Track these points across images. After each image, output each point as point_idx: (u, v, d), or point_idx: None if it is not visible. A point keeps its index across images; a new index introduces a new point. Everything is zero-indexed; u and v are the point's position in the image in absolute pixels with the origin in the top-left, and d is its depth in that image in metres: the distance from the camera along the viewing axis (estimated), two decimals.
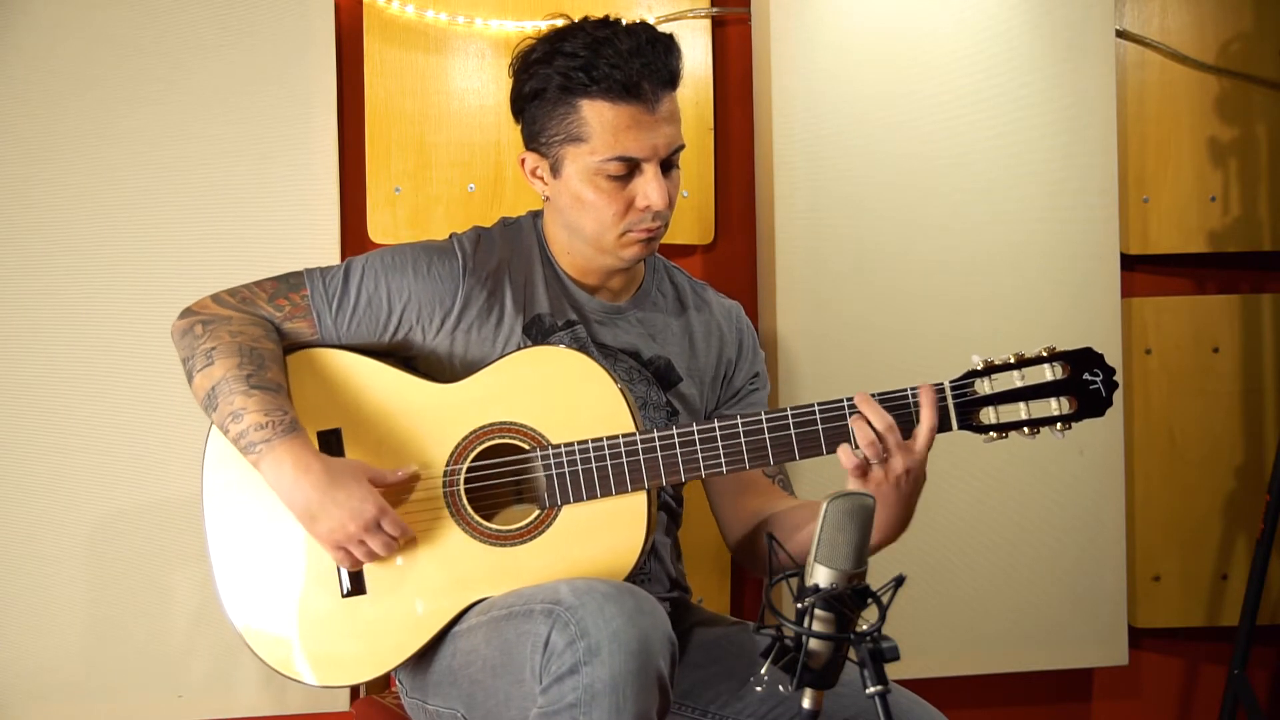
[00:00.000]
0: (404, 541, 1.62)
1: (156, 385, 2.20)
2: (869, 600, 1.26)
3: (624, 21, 1.67)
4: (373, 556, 1.60)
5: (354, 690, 2.23)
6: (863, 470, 1.56)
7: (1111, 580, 2.45)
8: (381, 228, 2.31)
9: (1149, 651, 2.63)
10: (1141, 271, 2.57)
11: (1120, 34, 2.49)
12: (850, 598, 1.25)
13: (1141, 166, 2.52)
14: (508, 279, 1.75)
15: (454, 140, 2.33)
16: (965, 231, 2.39)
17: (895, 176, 2.37)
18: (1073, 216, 2.41)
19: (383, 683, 1.97)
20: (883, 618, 1.26)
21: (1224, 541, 2.55)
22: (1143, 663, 2.63)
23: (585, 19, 1.68)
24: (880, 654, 1.24)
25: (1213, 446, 2.55)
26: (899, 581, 1.26)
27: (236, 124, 2.24)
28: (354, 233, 2.31)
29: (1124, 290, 2.45)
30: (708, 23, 2.41)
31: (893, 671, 1.24)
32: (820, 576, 1.26)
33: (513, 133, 2.31)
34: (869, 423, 1.55)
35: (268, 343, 1.66)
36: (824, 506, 1.26)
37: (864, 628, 1.25)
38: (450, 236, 1.79)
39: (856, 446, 1.56)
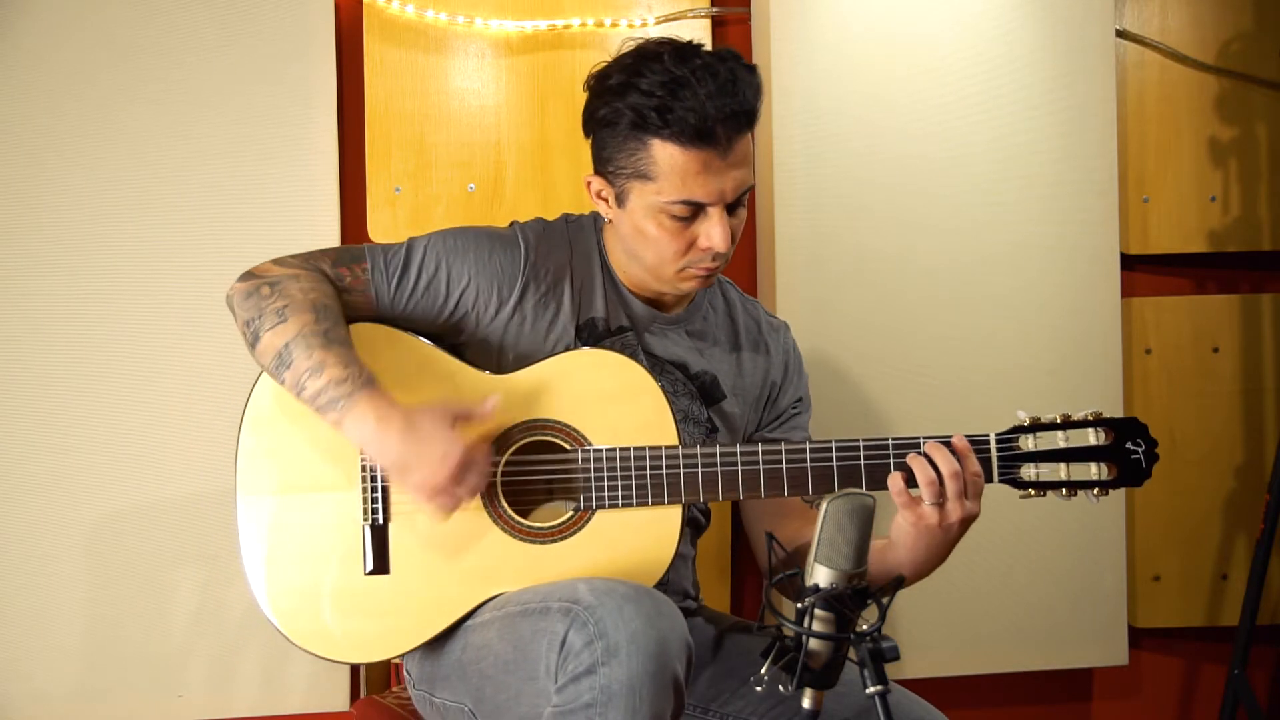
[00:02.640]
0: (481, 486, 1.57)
1: (155, 385, 2.20)
2: (869, 600, 1.26)
3: (705, 51, 1.61)
4: (471, 494, 1.56)
5: (354, 689, 2.23)
6: (912, 504, 1.56)
7: (1111, 580, 2.45)
8: (381, 228, 2.31)
9: (1149, 651, 2.63)
10: (1141, 271, 2.57)
11: (1120, 34, 2.49)
12: (850, 598, 1.25)
13: (1141, 166, 2.52)
14: (568, 278, 1.74)
15: (454, 140, 2.33)
16: (965, 232, 2.39)
17: (895, 177, 2.37)
18: (1073, 217, 2.41)
19: (386, 679, 1.97)
20: (883, 618, 1.26)
21: (1224, 541, 2.55)
22: (1143, 663, 2.63)
23: (668, 45, 1.62)
24: (880, 654, 1.24)
25: (1213, 446, 2.55)
26: (899, 581, 1.27)
27: (236, 124, 2.24)
28: (354, 233, 2.30)
29: (1124, 290, 2.45)
30: (708, 23, 2.41)
31: (893, 671, 1.25)
32: (820, 576, 1.26)
33: (513, 133, 2.33)
34: (933, 464, 1.55)
35: (335, 301, 1.64)
36: (824, 506, 1.26)
37: (864, 628, 1.25)
38: (512, 225, 1.78)
39: (913, 484, 1.56)
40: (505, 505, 1.64)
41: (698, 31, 2.39)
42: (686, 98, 1.57)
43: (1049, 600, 2.43)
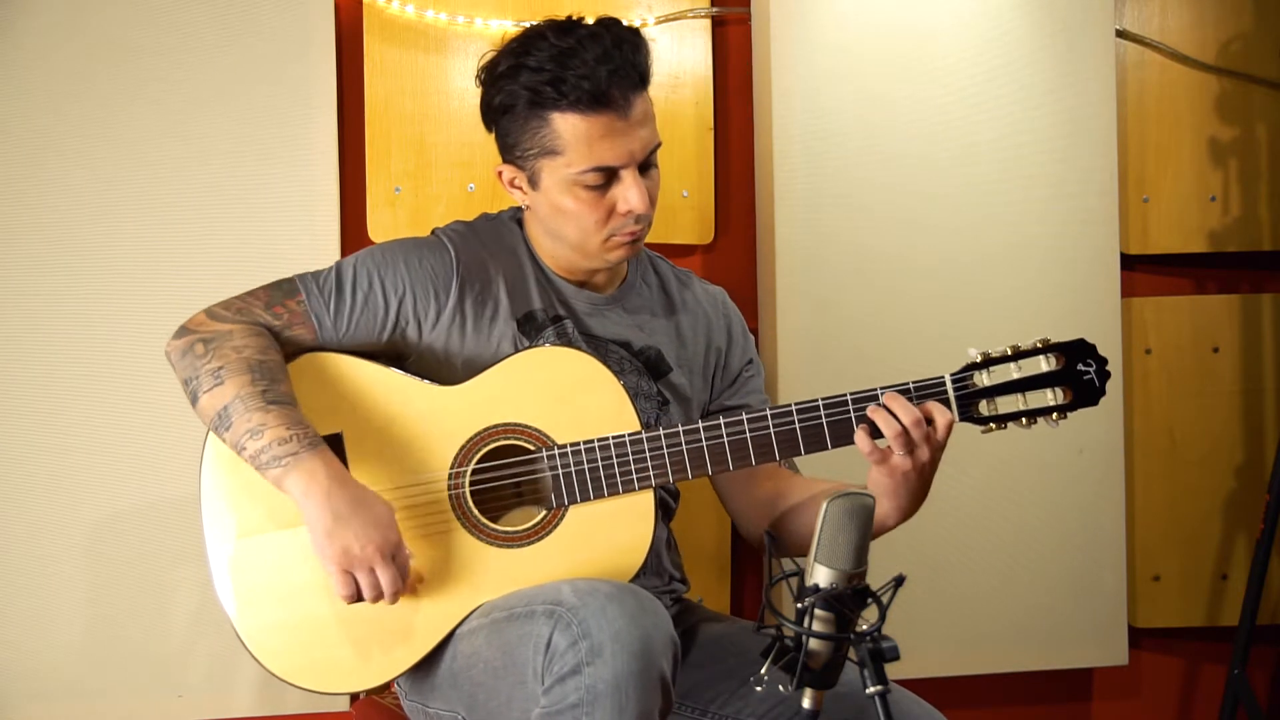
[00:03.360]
0: (399, 590, 1.57)
1: (155, 385, 2.19)
2: (869, 600, 1.26)
3: (588, 21, 1.65)
4: (375, 591, 1.54)
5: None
6: (882, 458, 1.56)
7: (1111, 580, 2.45)
8: (381, 228, 2.30)
9: (1149, 651, 2.63)
10: (1141, 271, 2.57)
11: (1120, 34, 2.49)
12: (850, 598, 1.25)
13: (1141, 166, 2.52)
14: (500, 275, 1.74)
15: (454, 140, 2.33)
16: (965, 231, 2.39)
17: (895, 177, 2.37)
18: (1073, 216, 2.41)
19: (383, 685, 1.96)
20: (883, 618, 1.26)
21: (1224, 541, 2.55)
22: (1143, 663, 2.63)
23: (549, 24, 1.65)
24: (880, 654, 1.24)
25: (1213, 446, 2.55)
26: (899, 581, 1.26)
27: (236, 124, 2.24)
28: (354, 233, 2.30)
29: (1124, 290, 2.45)
30: (708, 23, 2.41)
31: (893, 671, 1.24)
32: (820, 576, 1.26)
33: None
34: (895, 416, 1.56)
35: (273, 354, 1.63)
36: (824, 507, 1.26)
37: (864, 628, 1.25)
38: (434, 232, 1.78)
39: (878, 437, 1.57)
40: (478, 514, 1.64)
41: (698, 31, 2.39)
42: (576, 65, 1.59)
43: (1049, 600, 2.43)
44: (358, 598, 1.56)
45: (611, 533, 1.63)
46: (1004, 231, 2.40)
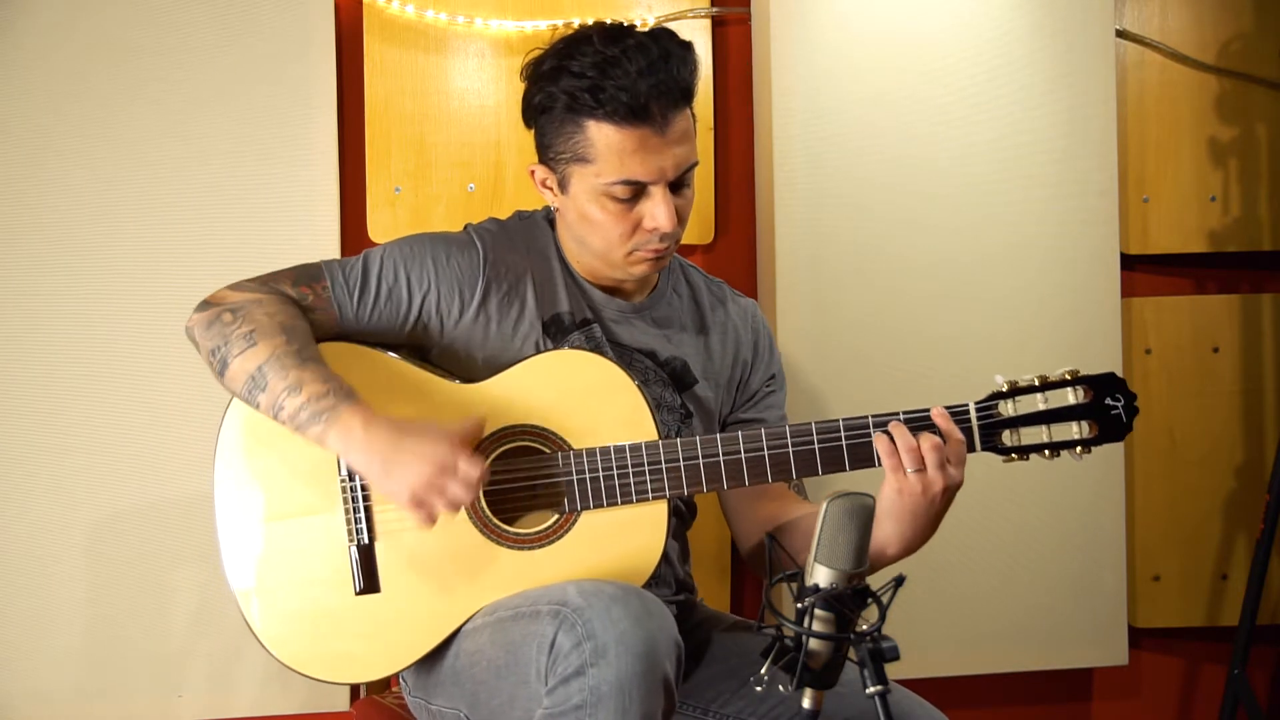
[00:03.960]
0: (480, 484, 1.53)
1: (155, 386, 2.20)
2: (869, 600, 1.26)
3: (638, 27, 1.63)
4: (454, 504, 1.52)
5: (354, 690, 2.23)
6: (899, 470, 1.55)
7: (1111, 580, 2.45)
8: (381, 228, 2.31)
9: (1149, 651, 2.63)
10: (1141, 271, 2.57)
11: (1120, 34, 2.49)
12: (850, 598, 1.25)
13: (1141, 166, 2.52)
14: (528, 275, 1.73)
15: (454, 140, 2.33)
16: (965, 231, 2.39)
17: (895, 177, 2.37)
18: (1073, 217, 2.41)
19: (384, 682, 1.96)
20: (883, 618, 1.26)
21: (1224, 541, 2.55)
22: (1143, 663, 2.63)
23: (597, 28, 1.63)
24: (880, 654, 1.24)
25: (1213, 446, 2.55)
26: (899, 581, 1.26)
27: (236, 124, 2.24)
28: (354, 233, 2.31)
29: (1124, 290, 2.45)
30: (708, 23, 2.41)
31: (893, 671, 1.25)
32: (820, 576, 1.26)
33: (513, 133, 2.33)
34: (913, 434, 1.55)
35: (302, 322, 1.63)
36: (824, 506, 1.26)
37: (864, 628, 1.25)
38: (466, 228, 1.77)
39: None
40: (489, 514, 1.63)
41: (698, 32, 2.39)
42: (618, 76, 1.57)
43: (1049, 600, 2.43)
44: (434, 519, 1.53)
45: (623, 540, 1.62)
46: (1004, 231, 2.40)
